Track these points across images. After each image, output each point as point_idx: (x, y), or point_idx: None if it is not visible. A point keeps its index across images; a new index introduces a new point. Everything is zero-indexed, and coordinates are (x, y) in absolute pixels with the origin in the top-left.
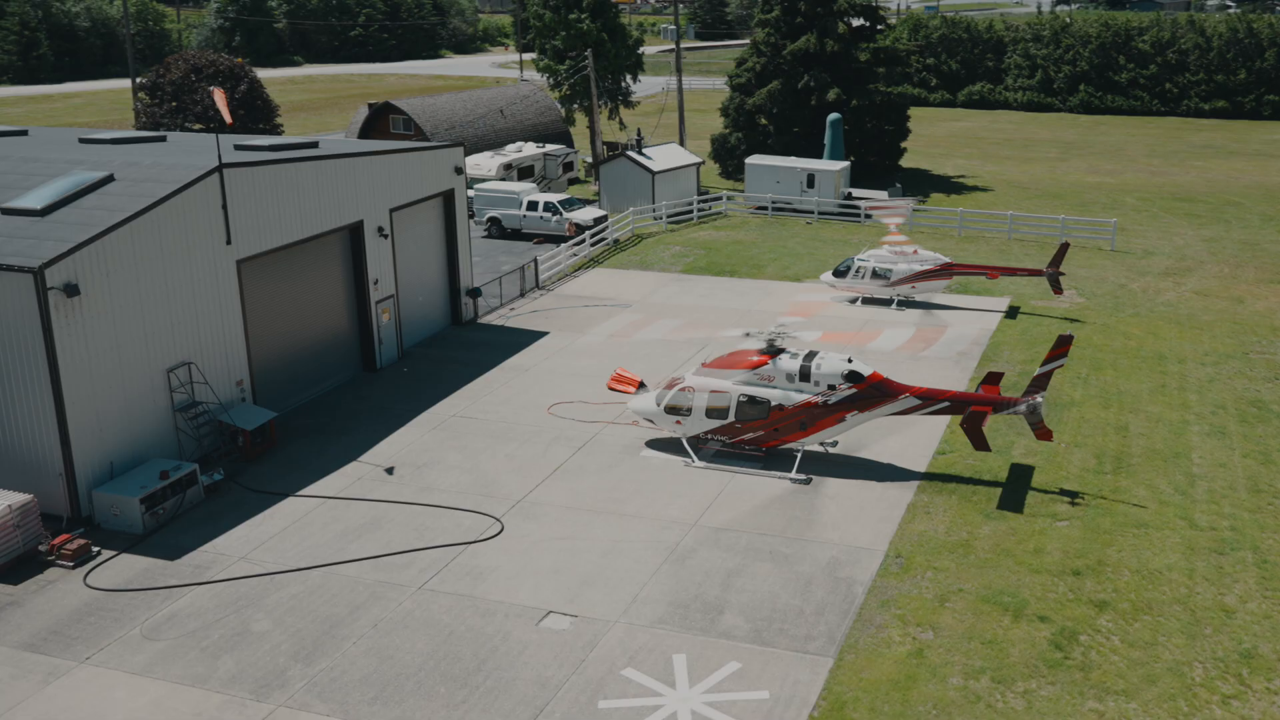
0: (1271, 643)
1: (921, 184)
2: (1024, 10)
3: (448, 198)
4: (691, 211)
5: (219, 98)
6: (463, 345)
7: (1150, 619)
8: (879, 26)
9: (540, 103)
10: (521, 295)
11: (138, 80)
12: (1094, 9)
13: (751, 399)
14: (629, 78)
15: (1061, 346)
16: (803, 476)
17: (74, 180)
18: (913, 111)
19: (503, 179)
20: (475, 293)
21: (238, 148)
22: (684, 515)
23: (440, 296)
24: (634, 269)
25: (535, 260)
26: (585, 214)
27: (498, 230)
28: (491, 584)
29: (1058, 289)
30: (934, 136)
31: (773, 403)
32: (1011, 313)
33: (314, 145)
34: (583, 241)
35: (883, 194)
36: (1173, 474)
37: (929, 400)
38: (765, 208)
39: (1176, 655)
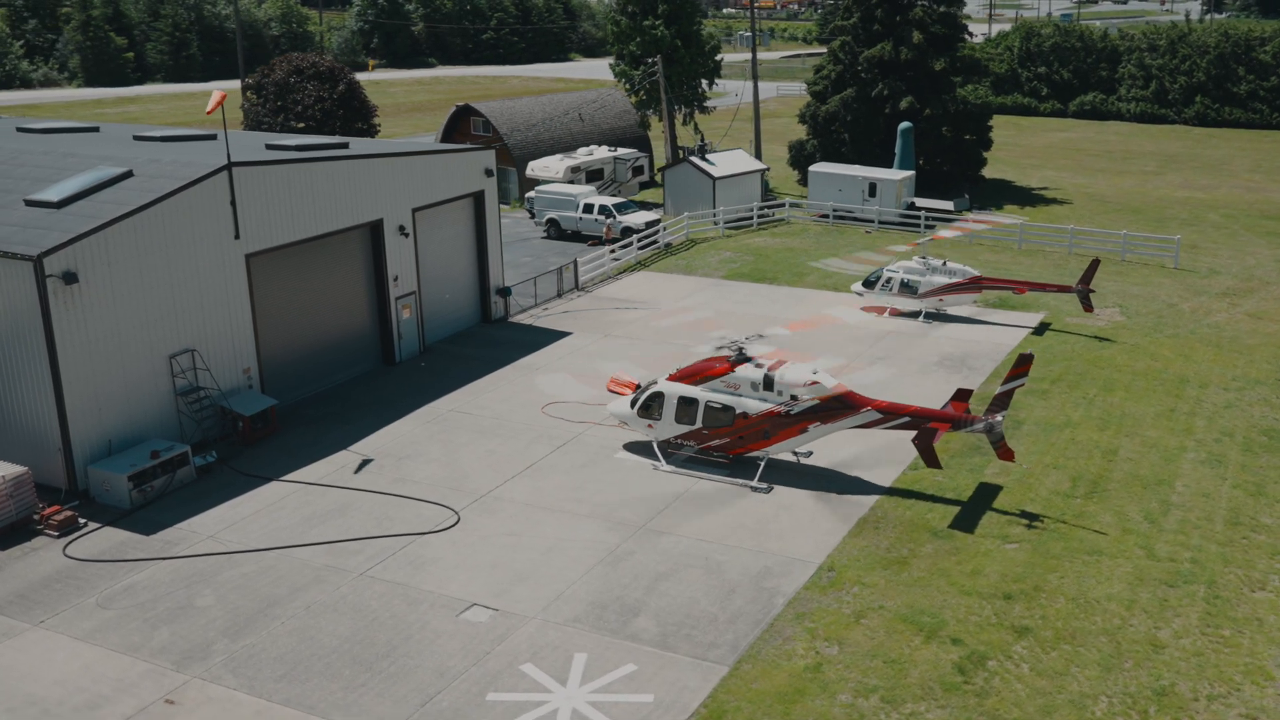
0: (1192, 681)
1: (1001, 195)
2: (1175, 19)
3: (478, 199)
4: (752, 218)
5: (216, 97)
6: (485, 343)
7: (1069, 648)
8: (960, 36)
9: (617, 107)
10: (559, 296)
11: (245, 81)
12: (1246, 17)
13: (719, 406)
14: (705, 84)
15: (1021, 366)
16: (763, 485)
17: (94, 175)
18: (1016, 121)
19: (570, 181)
20: (505, 292)
21: (268, 146)
22: (634, 517)
23: (469, 295)
24: (677, 273)
25: (575, 262)
26: (638, 218)
27: (556, 231)
28: (429, 574)
29: (1088, 306)
30: (1031, 147)
31: (737, 410)
32: (1040, 329)
33: (344, 145)
34: (628, 245)
35: (948, 204)
36: (1147, 501)
37: (890, 415)
38: (827, 215)
39: (1084, 687)
